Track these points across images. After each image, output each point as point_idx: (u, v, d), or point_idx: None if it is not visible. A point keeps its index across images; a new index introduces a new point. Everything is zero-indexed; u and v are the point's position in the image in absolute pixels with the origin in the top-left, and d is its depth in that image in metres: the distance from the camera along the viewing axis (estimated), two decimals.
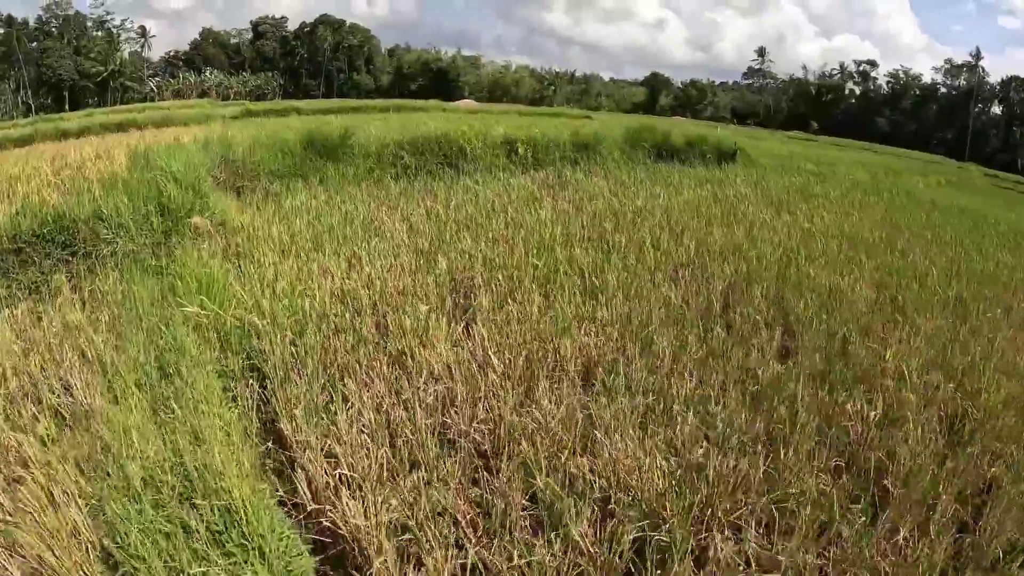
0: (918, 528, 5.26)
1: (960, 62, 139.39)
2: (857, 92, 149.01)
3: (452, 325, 7.78)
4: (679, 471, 5.53)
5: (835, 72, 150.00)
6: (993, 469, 6.12)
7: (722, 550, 4.77)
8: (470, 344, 7.45)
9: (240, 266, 9.56)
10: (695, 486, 5.34)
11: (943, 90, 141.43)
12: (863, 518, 5.29)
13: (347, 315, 7.91)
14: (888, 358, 7.87)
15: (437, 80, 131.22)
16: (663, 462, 5.56)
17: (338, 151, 16.51)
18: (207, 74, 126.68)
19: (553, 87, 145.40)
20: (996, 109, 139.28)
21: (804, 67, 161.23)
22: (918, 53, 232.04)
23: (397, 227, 11.66)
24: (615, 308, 8.57)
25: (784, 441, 6.07)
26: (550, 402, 6.32)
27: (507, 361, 7.02)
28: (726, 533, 5.04)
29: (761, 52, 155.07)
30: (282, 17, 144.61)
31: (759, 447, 5.97)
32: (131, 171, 12.72)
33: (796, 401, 6.71)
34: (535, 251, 10.38)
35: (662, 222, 13.19)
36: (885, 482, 5.75)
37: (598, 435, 5.86)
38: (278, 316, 7.60)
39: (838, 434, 6.33)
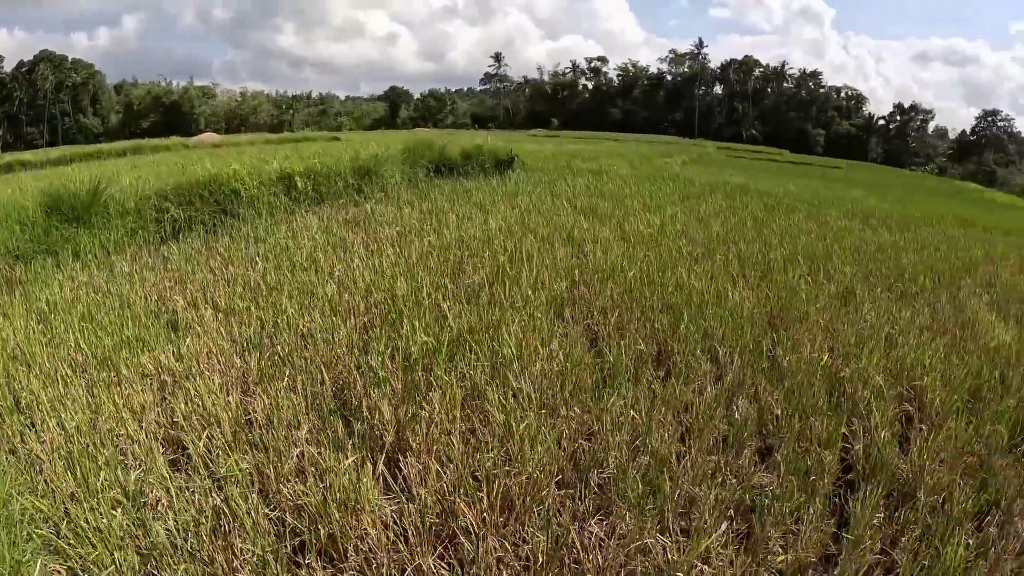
0: None
1: (683, 51, 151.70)
2: (590, 87, 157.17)
3: (368, 466, 5.35)
4: None
5: (568, 70, 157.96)
6: None
7: None
8: (407, 485, 5.22)
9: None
10: None
11: (669, 78, 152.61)
12: None
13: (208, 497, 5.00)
14: (843, 367, 7.68)
15: (170, 115, 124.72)
16: None
17: (90, 212, 13.13)
18: None
19: (292, 111, 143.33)
20: (718, 89, 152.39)
21: (539, 68, 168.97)
22: (640, 48, 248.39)
23: (202, 312, 8.69)
24: (541, 384, 6.65)
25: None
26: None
27: (475, 498, 4.94)
28: None
29: (497, 57, 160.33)
30: None
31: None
32: None
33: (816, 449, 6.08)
34: (403, 319, 8.01)
35: (506, 248, 11.51)
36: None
37: None
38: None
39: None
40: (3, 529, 4.33)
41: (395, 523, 4.86)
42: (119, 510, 4.81)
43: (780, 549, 4.88)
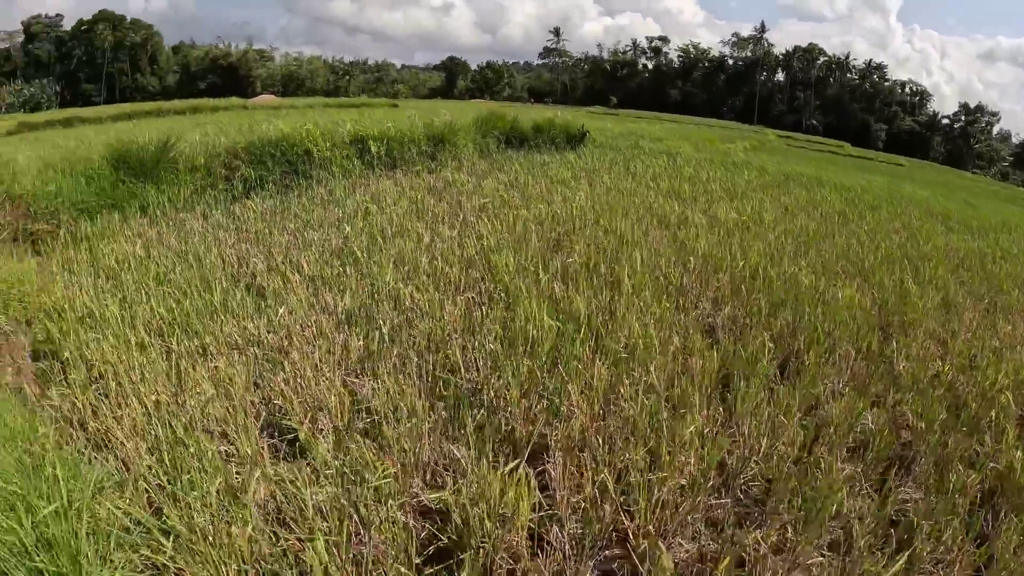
0: None
1: (746, 35, 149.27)
2: (650, 67, 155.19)
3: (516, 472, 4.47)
4: None
5: (628, 49, 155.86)
6: None
7: None
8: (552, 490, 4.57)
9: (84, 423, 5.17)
10: None
11: (730, 61, 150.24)
12: None
13: None
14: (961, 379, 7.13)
15: (227, 76, 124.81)
16: None
17: (158, 167, 12.61)
18: None
19: (348, 77, 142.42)
20: (780, 76, 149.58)
21: (599, 45, 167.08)
22: (698, 28, 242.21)
23: (289, 278, 7.86)
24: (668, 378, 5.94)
25: None
26: None
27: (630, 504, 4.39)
28: None
29: (557, 32, 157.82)
30: (57, 15, 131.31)
31: None
32: None
33: None
34: (517, 299, 7.14)
35: (599, 224, 10.84)
36: None
37: None
38: None
39: None
40: (91, 544, 3.52)
41: (545, 536, 4.23)
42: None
43: (931, 568, 4.48)
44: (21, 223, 10.36)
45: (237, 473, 4.40)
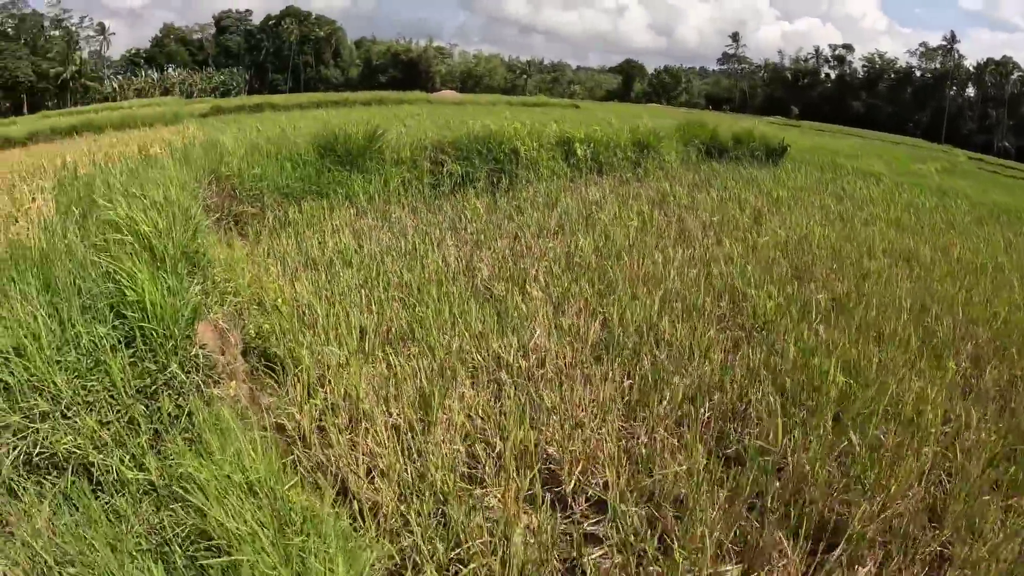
0: None
1: (934, 45, 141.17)
2: (832, 76, 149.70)
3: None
4: None
5: (810, 56, 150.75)
6: None
7: None
8: None
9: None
10: None
11: (918, 73, 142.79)
12: None
13: None
14: None
15: (408, 71, 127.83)
16: None
17: (364, 157, 12.28)
18: (170, 71, 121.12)
19: (525, 76, 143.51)
20: (970, 91, 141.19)
21: (780, 52, 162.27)
22: (880, 35, 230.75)
23: (530, 292, 7.01)
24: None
25: None
26: None
27: None
28: None
29: (735, 37, 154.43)
30: (246, 11, 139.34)
31: None
32: (55, 232, 6.76)
33: None
34: (785, 338, 6.22)
35: (841, 255, 9.72)
36: None
37: None
38: None
39: None
40: None
41: None
42: None
43: None
44: (227, 203, 10.08)
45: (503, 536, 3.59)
